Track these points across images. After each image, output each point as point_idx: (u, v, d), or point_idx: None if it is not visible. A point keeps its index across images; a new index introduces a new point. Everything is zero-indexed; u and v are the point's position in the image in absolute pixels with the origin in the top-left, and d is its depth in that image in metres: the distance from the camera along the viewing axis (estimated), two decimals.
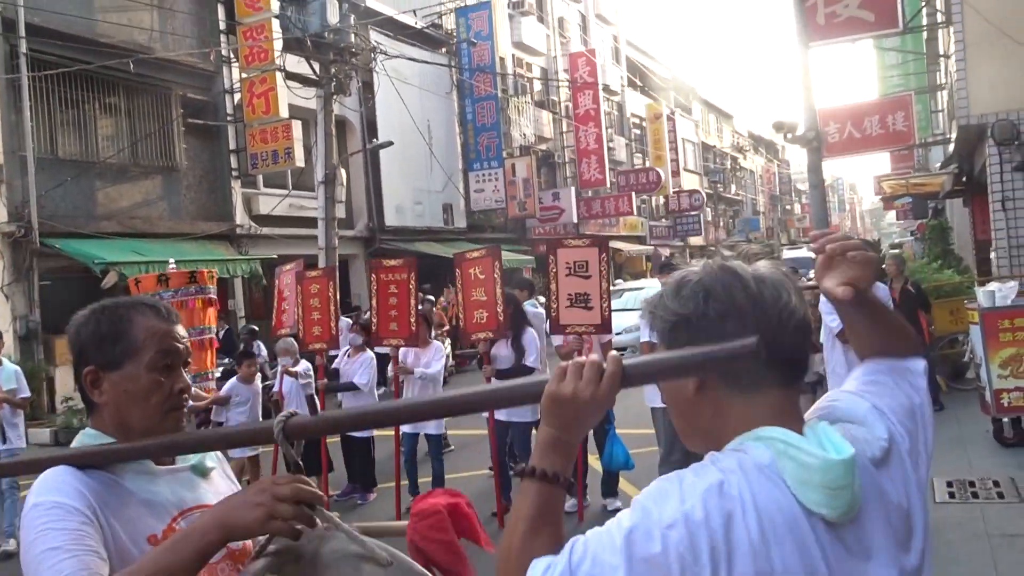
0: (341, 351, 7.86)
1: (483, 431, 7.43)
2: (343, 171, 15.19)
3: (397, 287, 6.82)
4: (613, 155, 31.29)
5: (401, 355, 6.98)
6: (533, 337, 6.81)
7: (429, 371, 6.93)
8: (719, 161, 48.84)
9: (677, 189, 36.68)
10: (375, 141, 18.08)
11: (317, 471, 7.21)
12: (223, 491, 1.67)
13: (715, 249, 1.34)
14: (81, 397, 1.57)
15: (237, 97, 16.24)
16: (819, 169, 10.92)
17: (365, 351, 7.54)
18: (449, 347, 13.96)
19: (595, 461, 6.81)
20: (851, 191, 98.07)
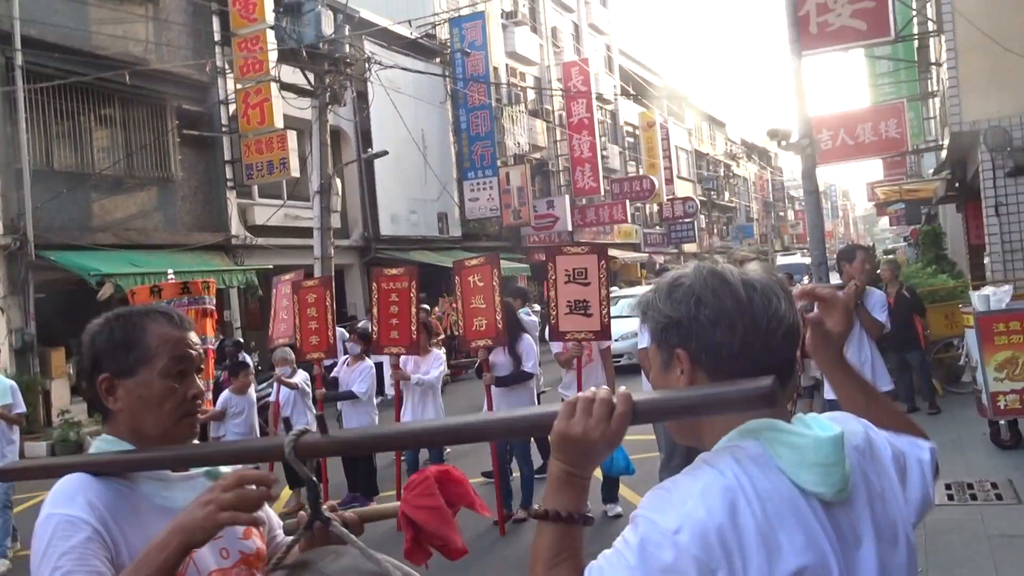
0: (340, 360, 7.86)
1: None
2: (338, 181, 15.25)
3: (398, 295, 6.84)
4: (607, 163, 31.40)
5: (401, 363, 6.99)
6: (530, 343, 6.84)
7: (426, 378, 6.94)
8: (712, 168, 49.03)
9: (671, 196, 36.80)
10: (370, 151, 18.12)
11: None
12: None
13: (708, 255, 1.37)
14: (97, 404, 1.59)
15: (232, 108, 16.26)
16: (813, 176, 10.97)
17: (364, 360, 7.54)
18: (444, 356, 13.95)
19: None
20: (844, 198, 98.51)
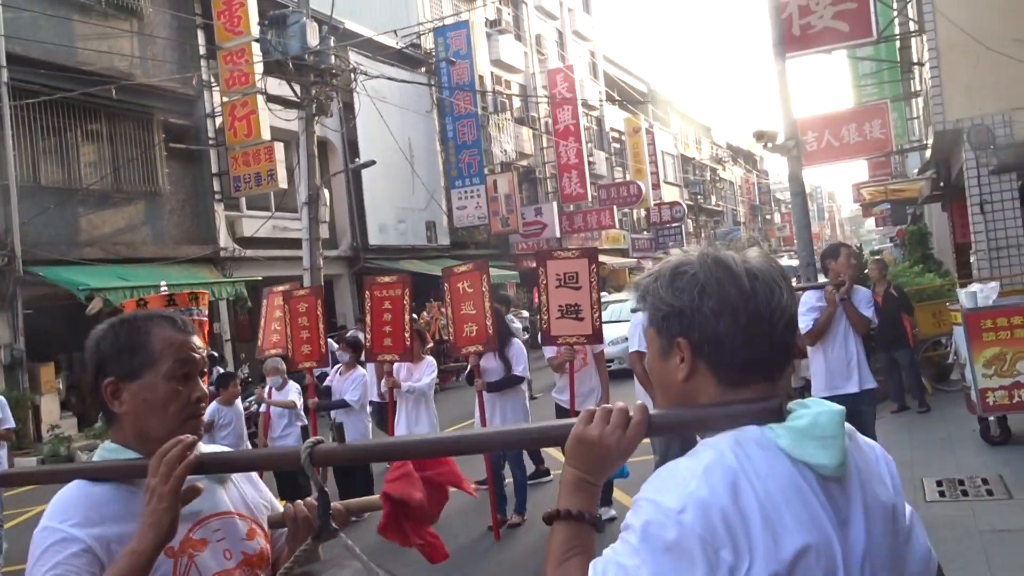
0: (332, 370, 7.85)
1: None
2: (326, 192, 15.24)
3: (391, 303, 6.85)
4: (594, 169, 31.49)
5: (394, 370, 7.00)
6: (520, 347, 6.86)
7: (418, 385, 6.96)
8: (698, 173, 49.24)
9: (658, 201, 36.93)
10: (357, 161, 18.11)
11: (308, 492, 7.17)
12: (248, 494, 1.70)
13: (709, 240, 1.36)
14: (102, 408, 1.60)
15: (219, 121, 16.25)
16: (799, 177, 11.04)
17: (356, 368, 7.54)
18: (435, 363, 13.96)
19: None
20: (830, 199, 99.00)
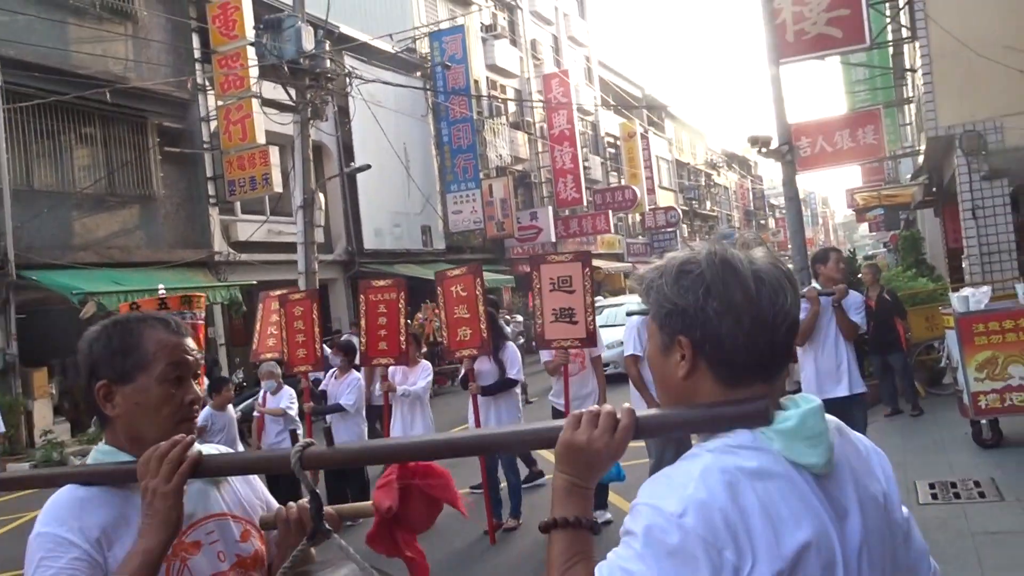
0: (328, 374, 7.85)
1: None
2: (321, 196, 15.22)
3: (386, 307, 6.84)
4: (589, 174, 31.55)
5: (389, 374, 7.00)
6: (514, 351, 6.88)
7: (413, 388, 6.96)
8: (693, 178, 49.35)
9: (653, 206, 37.00)
10: (352, 165, 18.13)
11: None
12: (243, 494, 1.70)
13: (714, 237, 1.35)
14: (95, 411, 1.60)
15: (214, 125, 16.25)
16: (793, 182, 11.09)
17: (351, 372, 7.54)
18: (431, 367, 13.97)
19: None
20: (824, 205, 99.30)
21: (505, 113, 28.44)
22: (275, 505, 1.74)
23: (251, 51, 14.77)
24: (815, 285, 5.87)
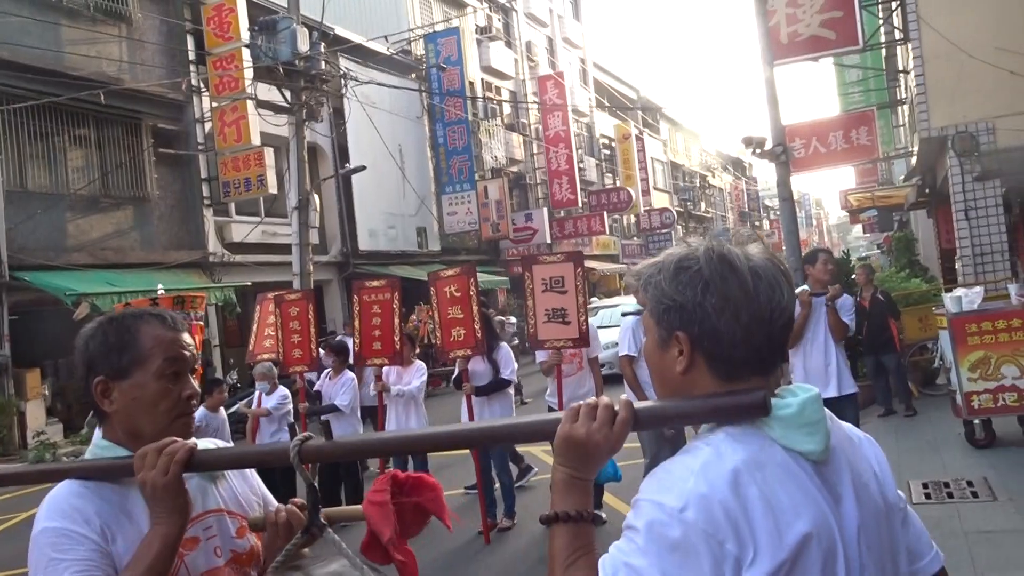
0: (322, 374, 7.85)
1: (463, 451, 7.44)
2: (316, 197, 15.20)
3: (380, 307, 6.84)
4: (584, 175, 31.59)
5: (384, 374, 7.01)
6: (508, 351, 6.89)
7: (407, 388, 6.97)
8: (688, 179, 49.44)
9: (648, 208, 37.05)
10: (347, 166, 18.12)
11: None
12: (240, 490, 1.70)
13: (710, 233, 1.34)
14: (92, 407, 1.60)
15: (208, 126, 16.23)
16: (787, 183, 11.12)
17: (345, 372, 7.53)
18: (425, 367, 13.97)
19: None
20: (818, 206, 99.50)
21: (500, 115, 28.46)
22: (272, 500, 1.74)
23: (246, 53, 14.75)
24: (806, 287, 5.90)
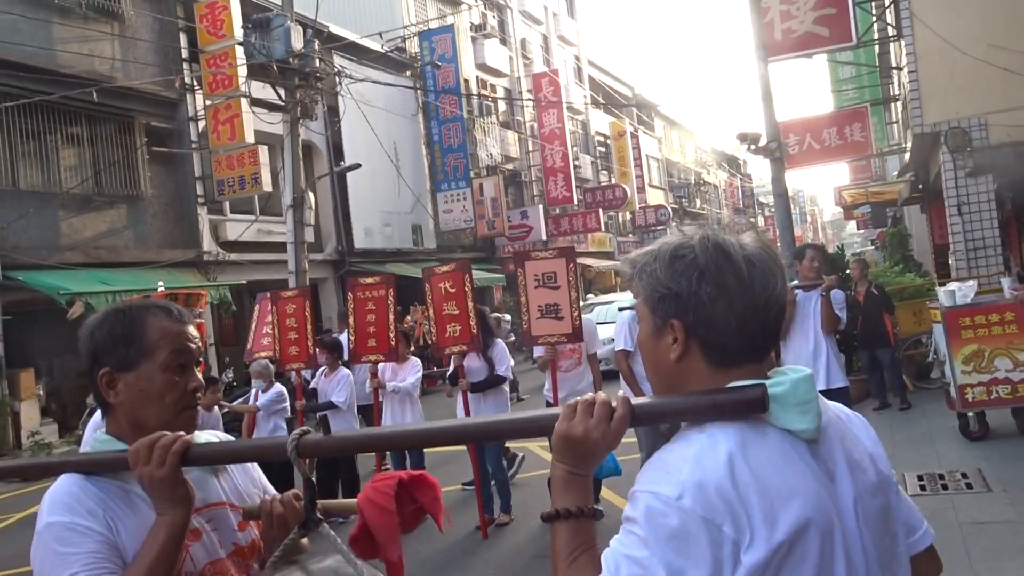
0: (318, 372, 7.86)
1: (459, 447, 7.44)
2: (311, 195, 15.17)
3: (375, 304, 6.85)
4: (579, 173, 31.60)
5: (379, 370, 7.01)
6: (503, 348, 6.90)
7: (403, 384, 6.98)
8: (683, 177, 49.48)
9: (643, 205, 37.10)
10: (342, 164, 18.08)
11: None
12: (241, 483, 1.70)
13: (706, 222, 1.34)
14: (96, 399, 1.61)
15: (202, 124, 16.19)
16: (782, 179, 11.16)
17: (341, 369, 7.54)
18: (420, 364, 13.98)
19: None
20: (812, 203, 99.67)
21: (495, 112, 28.45)
22: (273, 492, 1.74)
23: (239, 50, 14.72)
24: (795, 282, 5.93)
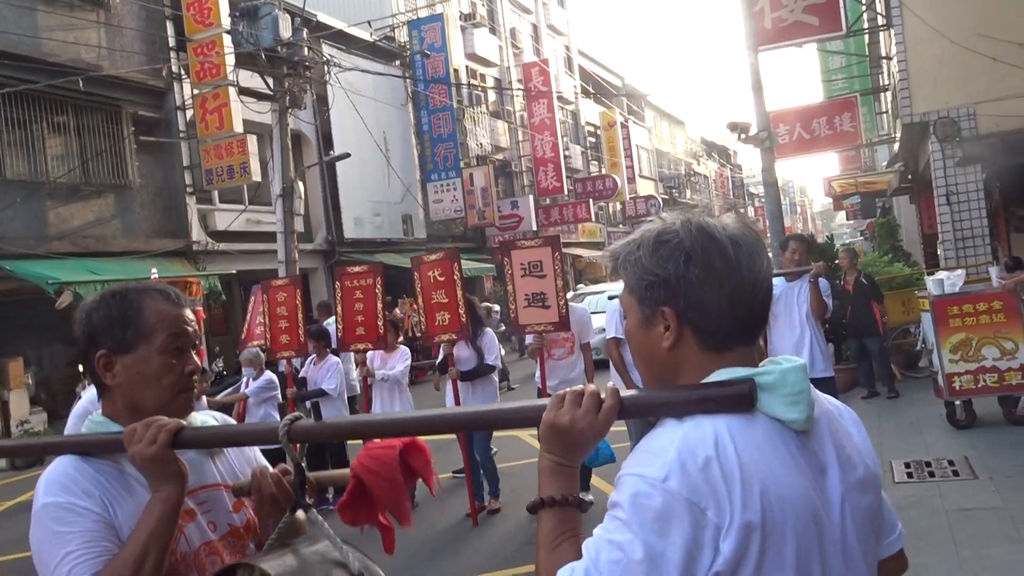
0: (307, 360, 7.85)
1: (448, 436, 7.45)
2: (300, 184, 15.09)
3: (363, 292, 6.83)
4: (569, 163, 31.56)
5: (368, 359, 7.00)
6: (492, 337, 6.91)
7: (391, 373, 6.98)
8: (673, 167, 49.52)
9: (633, 195, 37.11)
10: (331, 154, 18.01)
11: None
12: (236, 465, 1.70)
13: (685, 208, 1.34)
14: (93, 381, 1.61)
15: (190, 113, 16.07)
16: (772, 169, 11.18)
17: (329, 357, 7.52)
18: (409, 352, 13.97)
19: None
20: (802, 194, 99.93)
21: (485, 102, 28.36)
22: (265, 463, 1.74)
23: (227, 39, 14.60)
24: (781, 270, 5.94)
